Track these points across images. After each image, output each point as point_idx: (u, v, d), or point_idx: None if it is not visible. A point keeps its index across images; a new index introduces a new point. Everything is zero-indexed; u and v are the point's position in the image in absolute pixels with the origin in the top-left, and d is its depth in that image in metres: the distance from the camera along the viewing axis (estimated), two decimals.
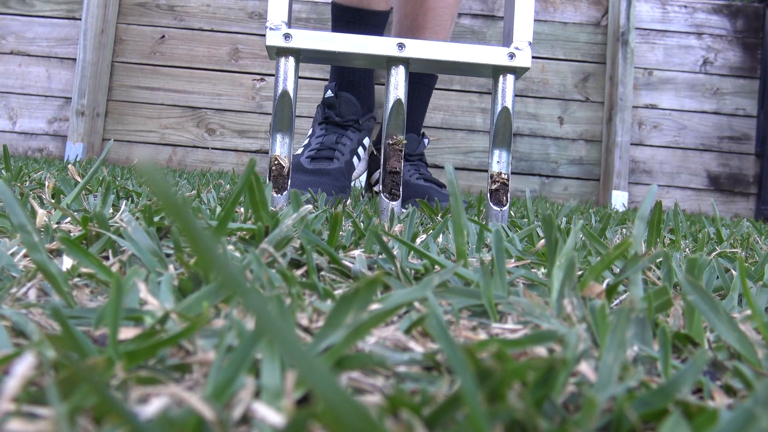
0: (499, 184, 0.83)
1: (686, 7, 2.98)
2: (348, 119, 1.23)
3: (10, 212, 0.33)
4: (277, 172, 0.82)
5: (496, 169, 0.83)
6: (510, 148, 0.85)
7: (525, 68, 0.83)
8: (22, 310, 0.28)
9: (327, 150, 1.17)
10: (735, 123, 2.94)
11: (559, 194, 2.91)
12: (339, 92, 1.23)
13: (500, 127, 0.84)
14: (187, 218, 0.15)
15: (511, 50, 0.83)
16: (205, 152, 2.88)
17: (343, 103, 1.23)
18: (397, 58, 0.83)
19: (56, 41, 2.88)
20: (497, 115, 0.84)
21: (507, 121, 0.84)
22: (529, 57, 0.83)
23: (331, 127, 1.23)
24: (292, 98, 0.82)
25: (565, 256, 0.35)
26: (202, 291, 0.29)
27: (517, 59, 0.83)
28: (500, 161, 0.84)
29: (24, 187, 0.69)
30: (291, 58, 0.83)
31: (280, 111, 0.83)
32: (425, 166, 1.38)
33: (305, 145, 1.23)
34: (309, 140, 1.24)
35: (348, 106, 1.23)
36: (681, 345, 0.30)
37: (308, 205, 0.47)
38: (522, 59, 0.83)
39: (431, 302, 0.29)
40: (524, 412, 0.18)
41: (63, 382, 0.18)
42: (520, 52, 0.83)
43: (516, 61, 0.83)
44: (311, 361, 0.14)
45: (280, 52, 0.82)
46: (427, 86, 1.42)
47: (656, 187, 0.45)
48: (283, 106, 0.82)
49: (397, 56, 0.82)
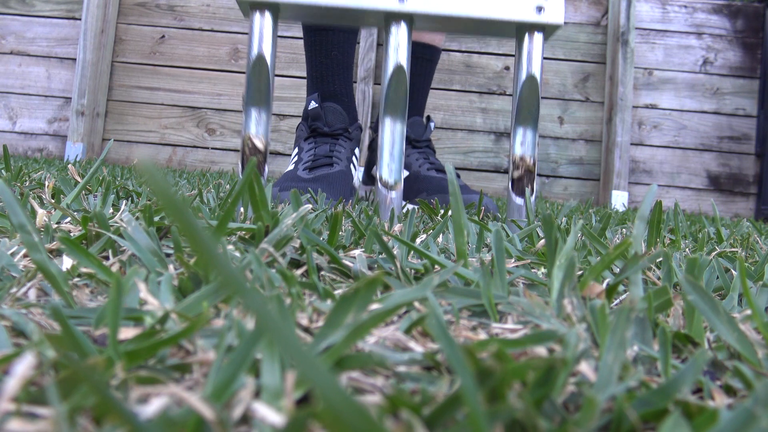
0: (523, 170, 0.70)
1: (686, 7, 2.98)
2: (337, 128, 1.16)
3: (10, 212, 0.33)
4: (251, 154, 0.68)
5: (519, 152, 0.70)
6: (536, 126, 0.71)
7: (557, 26, 0.68)
8: (22, 310, 0.28)
9: (323, 158, 1.10)
10: (735, 123, 2.94)
11: (559, 194, 2.91)
12: (323, 103, 1.17)
13: (525, 100, 0.69)
14: (186, 218, 0.15)
15: (540, 2, 0.68)
16: (205, 152, 2.88)
17: (330, 113, 1.16)
18: (398, 13, 0.69)
19: (56, 41, 2.88)
20: (521, 85, 0.69)
21: (534, 93, 0.69)
22: (562, 11, 0.68)
23: (320, 139, 1.16)
24: (269, 65, 0.67)
25: (565, 256, 0.35)
26: (202, 291, 0.29)
27: (547, 13, 0.67)
28: (524, 142, 0.70)
29: (24, 187, 0.69)
30: (267, 14, 0.67)
31: (255, 80, 0.67)
32: (433, 153, 1.27)
33: (295, 162, 1.14)
34: (297, 157, 1.15)
35: (335, 115, 1.17)
36: (681, 345, 0.30)
37: (308, 205, 0.47)
38: (553, 14, 0.67)
39: (431, 302, 0.29)
40: (524, 412, 0.18)
41: (63, 382, 0.18)
42: (551, 4, 0.67)
43: (545, 16, 0.67)
44: (311, 361, 0.14)
45: (254, 5, 0.67)
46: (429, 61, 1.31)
47: (656, 187, 0.45)
48: (259, 74, 0.67)
49: (397, 11, 0.68)
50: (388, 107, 0.71)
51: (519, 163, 0.70)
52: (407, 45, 0.70)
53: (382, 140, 0.72)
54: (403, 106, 0.71)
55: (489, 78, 2.90)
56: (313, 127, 1.16)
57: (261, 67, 0.67)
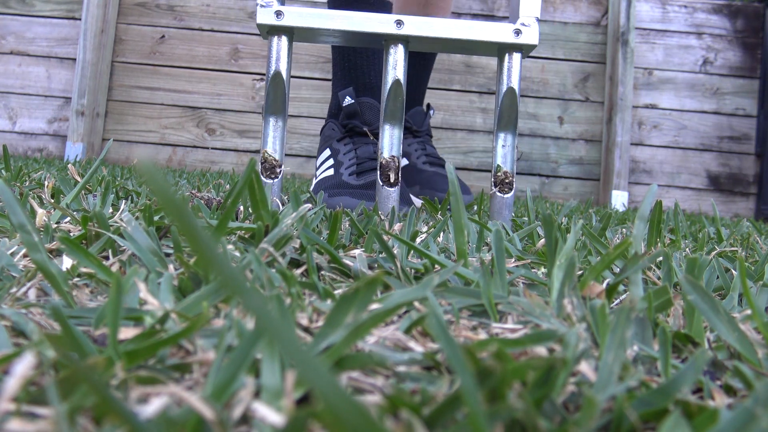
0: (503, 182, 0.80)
1: (686, 7, 2.98)
2: (376, 126, 1.05)
3: (10, 212, 0.33)
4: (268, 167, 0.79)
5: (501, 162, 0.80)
6: (516, 131, 0.82)
7: (532, 46, 0.79)
8: (22, 310, 0.28)
9: (369, 162, 1.00)
10: (735, 123, 2.94)
11: (559, 194, 2.91)
12: (359, 98, 1.06)
13: (505, 109, 0.80)
14: (186, 218, 0.15)
15: (518, 26, 0.78)
16: (205, 152, 2.88)
17: (367, 110, 1.06)
18: (395, 36, 0.78)
19: (56, 41, 2.88)
20: (502, 96, 0.80)
21: (513, 103, 0.80)
22: (537, 34, 0.78)
23: (359, 139, 1.05)
24: (285, 79, 0.79)
25: (565, 256, 0.35)
26: (202, 291, 0.29)
27: (524, 36, 0.78)
28: (505, 144, 0.81)
29: (24, 187, 0.69)
30: (284, 38, 0.79)
31: (273, 93, 0.79)
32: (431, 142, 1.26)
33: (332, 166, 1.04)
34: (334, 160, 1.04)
35: (373, 112, 1.06)
36: (681, 345, 0.30)
37: (307, 204, 0.47)
38: (529, 36, 0.78)
39: (431, 302, 0.29)
40: (524, 411, 0.18)
41: (63, 382, 0.18)
42: (527, 29, 0.78)
43: (523, 38, 0.78)
44: (311, 360, 0.14)
45: (271, 30, 0.79)
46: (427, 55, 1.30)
47: (656, 187, 0.45)
48: (276, 88, 0.79)
49: (395, 34, 0.78)
50: (387, 116, 0.81)
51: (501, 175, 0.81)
52: (404, 63, 0.80)
53: (382, 144, 0.81)
54: (400, 115, 0.81)
55: (489, 78, 2.90)
56: (349, 126, 1.06)
57: (278, 82, 0.79)
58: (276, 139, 0.80)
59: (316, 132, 2.83)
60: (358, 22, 0.78)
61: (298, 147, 2.84)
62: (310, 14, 0.78)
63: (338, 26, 0.78)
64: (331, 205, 0.90)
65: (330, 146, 1.08)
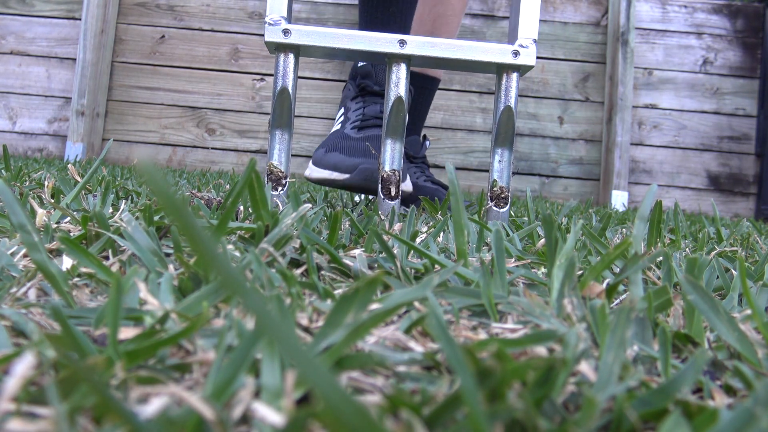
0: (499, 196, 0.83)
1: (686, 7, 2.98)
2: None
3: (10, 212, 0.33)
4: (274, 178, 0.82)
5: (497, 177, 0.83)
6: (512, 147, 0.84)
7: (529, 66, 0.82)
8: (22, 310, 0.28)
9: (373, 119, 1.06)
10: (735, 123, 2.94)
11: (559, 194, 2.91)
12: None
13: (502, 126, 0.83)
14: (186, 218, 0.15)
15: (516, 48, 0.82)
16: (205, 152, 2.88)
17: (381, 71, 1.10)
18: (398, 55, 0.82)
19: (56, 41, 2.88)
20: (500, 114, 0.83)
21: (510, 120, 0.83)
22: (534, 55, 0.82)
23: (370, 98, 1.09)
24: (291, 94, 0.82)
25: (565, 256, 0.35)
26: (202, 291, 0.29)
27: (522, 57, 0.81)
28: (502, 160, 0.84)
29: (24, 187, 0.69)
30: (290, 54, 0.82)
31: (279, 107, 0.82)
32: (428, 168, 1.35)
33: (341, 122, 1.10)
34: (344, 116, 1.10)
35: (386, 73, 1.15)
36: (681, 345, 0.30)
37: (307, 204, 0.47)
38: (527, 57, 0.82)
39: (431, 302, 0.29)
40: (524, 411, 0.18)
41: (63, 382, 0.18)
42: (525, 50, 0.82)
43: (520, 59, 0.81)
44: (311, 360, 0.14)
45: (279, 48, 0.82)
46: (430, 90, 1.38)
47: (656, 187, 0.45)
48: (282, 103, 0.82)
49: (398, 53, 0.81)
50: (389, 131, 0.84)
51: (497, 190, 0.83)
52: (406, 81, 0.83)
53: (384, 158, 0.85)
54: (401, 130, 0.84)
55: (489, 78, 2.90)
56: (362, 86, 1.11)
57: (284, 97, 0.82)
58: (282, 151, 0.83)
59: (316, 132, 2.84)
60: (363, 41, 0.81)
61: (298, 147, 2.84)
62: (316, 33, 0.82)
63: (343, 45, 0.81)
64: (322, 163, 0.95)
65: (344, 105, 1.13)
